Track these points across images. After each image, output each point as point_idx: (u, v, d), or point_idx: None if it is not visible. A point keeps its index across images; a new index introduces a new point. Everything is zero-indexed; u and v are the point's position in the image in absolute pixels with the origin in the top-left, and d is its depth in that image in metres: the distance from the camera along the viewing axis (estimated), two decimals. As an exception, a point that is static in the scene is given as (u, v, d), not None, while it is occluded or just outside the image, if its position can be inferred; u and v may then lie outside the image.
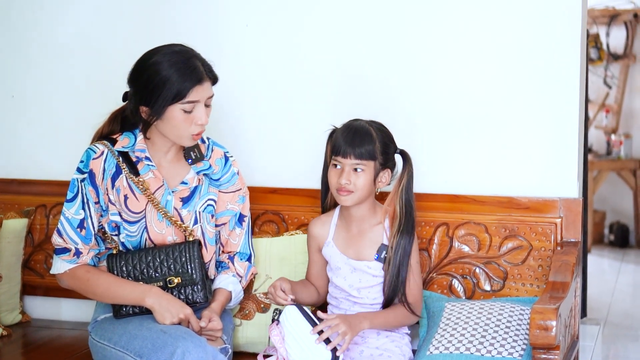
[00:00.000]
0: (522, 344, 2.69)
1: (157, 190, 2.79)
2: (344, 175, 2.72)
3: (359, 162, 2.71)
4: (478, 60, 3.06)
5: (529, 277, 2.97)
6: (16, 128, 3.53)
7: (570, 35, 2.98)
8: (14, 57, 3.52)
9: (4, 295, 3.29)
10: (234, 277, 2.90)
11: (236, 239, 2.94)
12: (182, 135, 2.72)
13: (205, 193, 2.87)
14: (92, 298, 2.82)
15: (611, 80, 7.49)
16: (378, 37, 3.14)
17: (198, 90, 2.68)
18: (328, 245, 2.85)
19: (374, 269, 2.78)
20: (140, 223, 2.79)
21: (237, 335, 3.01)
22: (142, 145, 2.80)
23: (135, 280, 2.75)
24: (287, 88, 3.24)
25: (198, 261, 2.76)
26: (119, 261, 2.76)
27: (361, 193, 2.74)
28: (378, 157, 2.72)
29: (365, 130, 2.74)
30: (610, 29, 7.42)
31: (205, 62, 2.73)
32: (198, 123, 2.70)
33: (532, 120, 3.03)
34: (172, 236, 2.81)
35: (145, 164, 2.79)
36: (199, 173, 2.86)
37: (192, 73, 2.67)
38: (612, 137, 7.37)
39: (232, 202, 2.92)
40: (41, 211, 3.43)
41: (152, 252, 2.76)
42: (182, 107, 2.67)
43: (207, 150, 2.90)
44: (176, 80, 2.65)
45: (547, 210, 2.97)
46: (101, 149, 2.79)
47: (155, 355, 2.53)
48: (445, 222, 3.04)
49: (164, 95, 2.65)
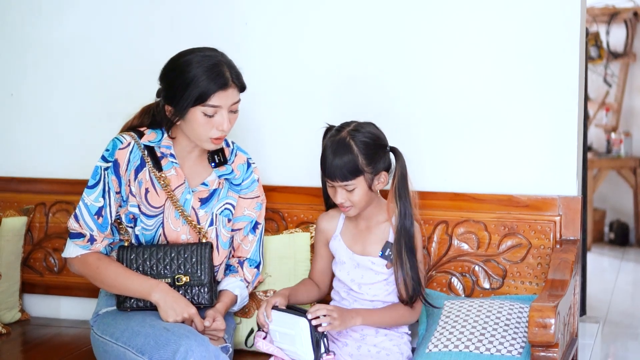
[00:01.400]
0: (521, 341, 2.69)
1: (177, 188, 2.80)
2: (338, 194, 2.73)
3: (347, 183, 2.70)
4: (478, 58, 3.06)
5: (528, 275, 2.97)
6: (15, 126, 3.53)
7: (570, 34, 2.98)
8: (13, 56, 3.52)
9: (3, 294, 3.29)
10: (242, 282, 2.91)
11: (248, 245, 2.95)
12: (202, 138, 2.73)
13: (224, 196, 2.87)
14: (99, 286, 2.82)
15: (611, 79, 7.49)
16: (379, 36, 3.14)
17: (221, 95, 2.68)
18: (335, 239, 2.86)
19: (377, 265, 2.78)
20: (158, 218, 2.80)
21: (237, 334, 3.01)
22: (168, 142, 2.81)
23: (144, 274, 2.76)
24: (286, 87, 3.24)
25: (208, 264, 2.76)
26: (129, 254, 2.77)
27: (360, 205, 2.75)
28: (365, 170, 2.70)
29: (345, 148, 2.69)
30: (610, 27, 7.43)
31: (233, 69, 2.74)
32: (219, 128, 2.71)
33: (532, 118, 3.02)
34: (187, 235, 2.82)
35: (169, 161, 2.81)
36: (220, 177, 2.87)
37: (217, 78, 2.67)
38: (612, 135, 7.37)
39: (249, 209, 2.93)
40: (40, 209, 3.43)
41: (164, 248, 2.77)
42: (204, 111, 2.68)
43: (231, 155, 2.91)
44: (200, 83, 2.66)
45: (546, 209, 2.97)
46: (128, 140, 2.80)
47: (157, 353, 2.53)
48: (445, 220, 3.04)
49: (187, 96, 2.66)
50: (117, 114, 2.95)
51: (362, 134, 2.72)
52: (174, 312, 2.68)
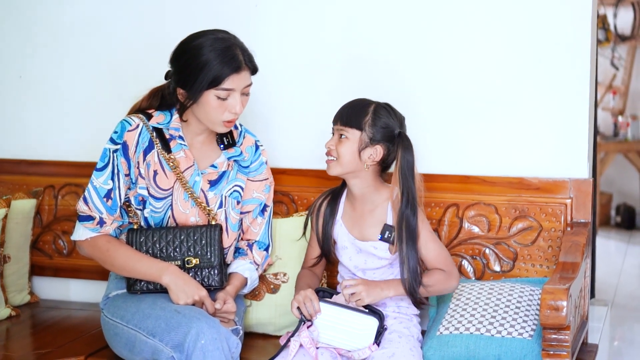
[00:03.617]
0: (532, 324, 2.69)
1: (186, 170, 2.80)
2: (331, 139, 2.75)
3: (344, 128, 2.71)
4: (488, 41, 3.04)
5: (538, 257, 2.96)
6: (24, 109, 3.52)
7: (581, 17, 2.96)
8: (22, 38, 3.51)
9: (13, 276, 3.30)
10: (251, 265, 2.90)
11: (257, 227, 2.95)
12: (215, 121, 2.72)
13: (233, 178, 2.87)
14: (109, 269, 2.82)
15: (618, 62, 7.47)
16: (389, 18, 3.12)
17: (234, 78, 2.68)
18: (337, 223, 2.85)
19: (380, 249, 2.77)
20: (167, 200, 2.79)
21: (247, 316, 3.02)
22: (176, 124, 2.80)
23: (154, 257, 2.75)
24: (296, 69, 3.23)
25: (218, 246, 2.76)
26: (139, 236, 2.77)
27: (343, 162, 2.72)
28: (366, 129, 2.70)
29: (363, 103, 2.75)
30: (618, 10, 7.40)
31: (246, 52, 2.73)
32: (232, 111, 2.70)
33: (543, 100, 3.01)
34: (196, 217, 2.81)
35: (178, 143, 2.80)
36: (229, 159, 2.86)
37: (231, 61, 2.66)
38: (619, 118, 7.35)
39: (258, 191, 2.93)
40: (49, 192, 3.43)
41: (173, 231, 2.77)
42: (217, 94, 2.67)
43: (239, 137, 2.90)
44: (214, 66, 2.65)
45: (557, 191, 2.96)
46: (137, 122, 2.79)
47: (168, 335, 2.54)
48: (455, 203, 3.04)
49: (201, 80, 2.65)
50: (127, 96, 2.93)
51: (386, 110, 2.74)
52: (185, 295, 2.68)
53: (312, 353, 2.62)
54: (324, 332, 2.66)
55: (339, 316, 2.65)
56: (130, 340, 2.65)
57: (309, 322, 2.66)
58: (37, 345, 2.94)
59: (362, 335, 2.65)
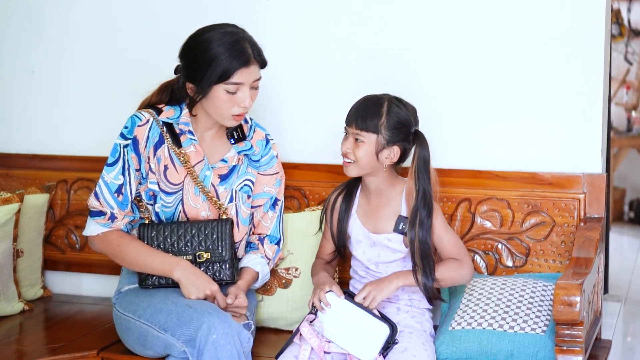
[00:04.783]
0: (545, 319, 2.68)
1: (197, 164, 2.80)
2: (346, 142, 2.73)
3: (359, 132, 2.70)
4: (501, 35, 3.03)
5: (551, 253, 2.95)
6: (37, 103, 3.53)
7: (595, 11, 2.95)
8: (35, 33, 3.51)
9: (26, 270, 3.31)
10: (263, 259, 2.90)
11: (268, 221, 2.95)
12: (224, 115, 2.72)
13: (243, 173, 2.87)
14: (120, 264, 2.83)
15: (632, 57, 7.43)
16: (402, 13, 3.11)
17: (244, 72, 2.68)
18: (352, 217, 2.84)
19: (394, 241, 2.77)
20: (177, 195, 2.80)
21: (259, 311, 3.02)
22: (186, 119, 2.81)
23: (165, 252, 2.76)
24: (308, 64, 3.22)
25: (229, 240, 2.76)
26: (150, 231, 2.77)
27: (361, 164, 2.72)
28: (382, 132, 2.69)
29: (377, 103, 2.72)
30: (632, 4, 7.36)
31: (255, 45, 2.73)
32: (241, 105, 2.71)
33: (556, 95, 3.00)
34: (207, 211, 2.81)
35: (188, 137, 2.80)
36: (240, 153, 2.86)
37: (240, 55, 2.66)
38: (632, 113, 7.32)
39: (269, 185, 2.93)
40: (62, 186, 3.44)
41: (185, 225, 2.77)
42: (226, 88, 2.68)
43: (250, 131, 2.90)
44: (223, 60, 2.65)
45: (570, 186, 2.95)
46: (147, 117, 2.79)
47: (180, 330, 2.54)
48: (468, 198, 3.03)
49: (210, 74, 2.66)
50: (138, 91, 2.94)
51: (399, 107, 2.72)
52: (196, 289, 2.68)
53: (314, 344, 2.60)
54: (331, 326, 2.64)
55: (350, 312, 2.63)
56: (143, 335, 2.66)
57: (313, 314, 2.66)
58: (49, 340, 2.95)
59: (369, 341, 2.60)
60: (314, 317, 2.67)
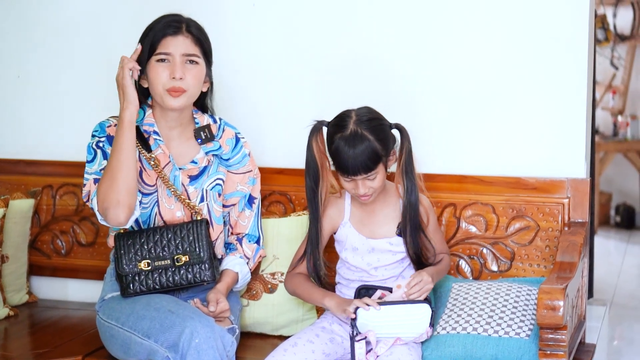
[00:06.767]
0: (529, 324, 2.69)
1: (165, 166, 2.80)
2: (360, 187, 2.68)
3: (370, 173, 2.66)
4: (486, 40, 3.04)
5: (536, 257, 2.96)
6: (22, 108, 3.52)
7: (579, 16, 2.96)
8: (20, 38, 3.51)
9: (11, 276, 3.30)
10: (241, 259, 2.90)
11: (245, 220, 2.94)
12: (160, 91, 2.74)
13: (214, 172, 2.87)
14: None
15: (618, 62, 7.46)
16: (385, 17, 3.12)
17: (171, 41, 2.72)
18: (345, 226, 2.82)
19: (395, 245, 2.77)
20: (153, 196, 2.80)
21: (244, 316, 3.01)
22: (150, 119, 2.82)
23: (143, 259, 2.74)
24: (294, 68, 3.23)
25: (206, 240, 2.76)
26: (127, 240, 2.76)
27: (380, 189, 2.73)
28: (382, 154, 2.67)
29: (362, 141, 2.62)
30: (617, 9, 7.39)
31: (192, 22, 2.78)
32: (171, 76, 2.72)
33: (540, 100, 3.01)
34: (181, 211, 2.82)
35: (154, 139, 2.80)
36: (207, 153, 2.86)
37: (168, 26, 2.73)
38: (618, 118, 7.35)
39: (242, 184, 2.92)
40: (47, 192, 3.43)
41: (160, 230, 2.76)
42: (157, 58, 2.72)
43: (219, 131, 2.90)
44: (153, 33, 2.73)
45: (554, 191, 2.96)
46: (113, 122, 2.81)
47: (163, 335, 2.53)
48: (453, 203, 3.04)
49: (145, 51, 2.73)
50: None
51: (367, 122, 2.65)
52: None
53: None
54: (382, 331, 2.65)
55: (395, 313, 2.64)
56: (126, 343, 2.65)
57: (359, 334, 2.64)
58: (35, 345, 2.94)
59: (418, 324, 2.65)
60: (364, 337, 2.64)
